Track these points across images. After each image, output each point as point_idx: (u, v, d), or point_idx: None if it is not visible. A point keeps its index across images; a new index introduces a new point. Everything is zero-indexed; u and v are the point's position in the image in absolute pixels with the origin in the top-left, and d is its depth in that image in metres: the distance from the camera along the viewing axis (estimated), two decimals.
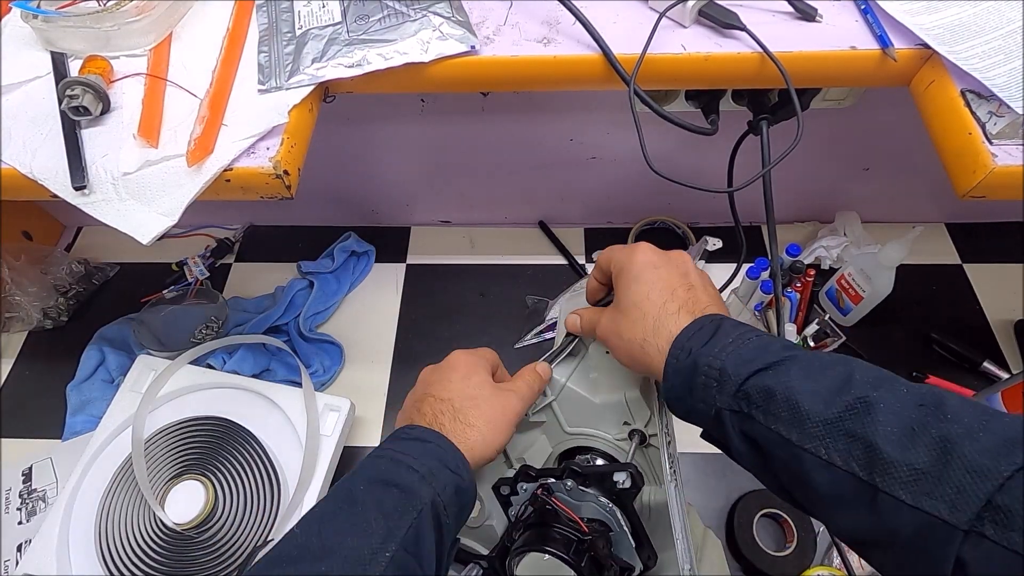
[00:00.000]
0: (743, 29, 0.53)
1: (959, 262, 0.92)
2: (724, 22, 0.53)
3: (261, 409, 0.74)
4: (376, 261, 0.96)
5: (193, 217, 0.82)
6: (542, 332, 0.87)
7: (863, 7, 0.55)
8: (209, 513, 0.67)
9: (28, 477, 0.76)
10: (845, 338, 0.72)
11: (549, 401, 0.57)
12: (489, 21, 0.57)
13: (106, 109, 0.53)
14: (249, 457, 0.70)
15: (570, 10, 0.54)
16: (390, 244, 0.97)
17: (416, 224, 1.00)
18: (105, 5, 0.54)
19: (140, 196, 0.50)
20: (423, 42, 0.53)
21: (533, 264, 0.95)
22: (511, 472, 0.54)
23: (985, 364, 0.80)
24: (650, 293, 0.46)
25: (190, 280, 0.93)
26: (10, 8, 0.59)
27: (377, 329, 0.89)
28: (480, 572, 0.51)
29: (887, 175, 0.88)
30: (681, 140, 0.59)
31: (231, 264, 0.97)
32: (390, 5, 0.55)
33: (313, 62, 0.53)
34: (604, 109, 0.79)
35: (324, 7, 0.56)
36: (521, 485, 0.52)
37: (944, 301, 0.88)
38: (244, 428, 0.72)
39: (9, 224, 0.92)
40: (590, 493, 0.50)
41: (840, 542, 0.68)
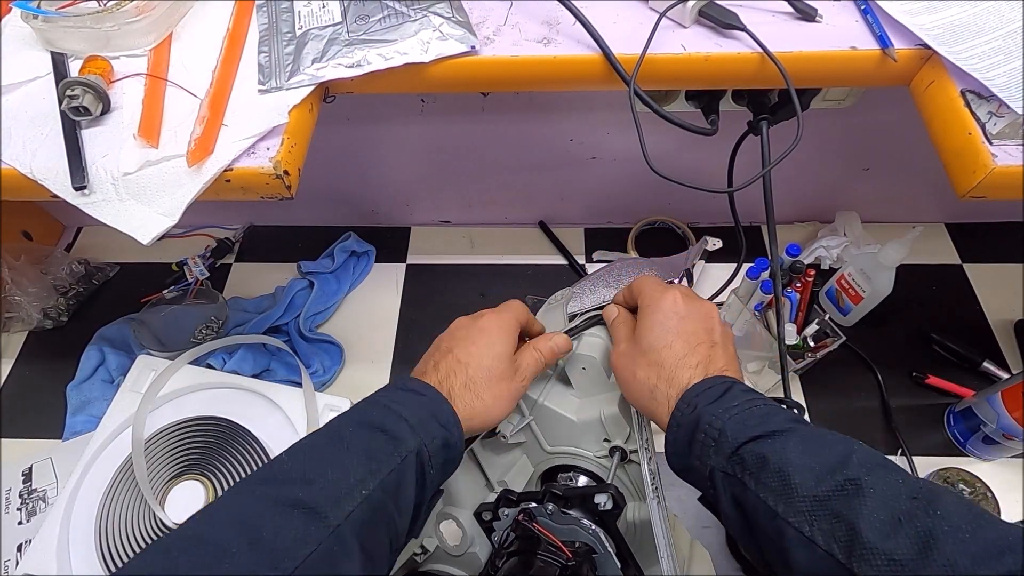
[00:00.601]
0: (743, 29, 0.53)
1: (959, 262, 0.92)
2: (724, 22, 0.53)
3: (261, 409, 0.74)
4: (376, 261, 0.96)
5: (193, 217, 0.82)
6: None
7: (863, 7, 0.55)
8: None
9: (28, 477, 0.76)
10: (845, 338, 0.72)
11: (527, 421, 0.56)
12: (489, 21, 0.57)
13: (106, 109, 0.53)
14: (249, 457, 0.70)
15: (570, 10, 0.54)
16: (390, 244, 0.97)
17: (416, 224, 1.00)
18: (105, 5, 0.54)
19: (140, 196, 0.50)
20: (423, 42, 0.53)
21: (533, 264, 0.95)
22: (492, 496, 0.54)
23: (985, 364, 0.80)
24: (673, 342, 0.47)
25: (190, 280, 0.93)
26: (10, 8, 0.59)
27: (377, 329, 0.89)
28: None
29: (887, 175, 0.88)
30: (681, 140, 0.59)
31: (231, 264, 0.97)
32: (390, 5, 0.55)
33: (313, 62, 0.53)
34: (604, 109, 0.79)
35: (324, 7, 0.56)
36: (503, 510, 0.52)
37: (944, 301, 0.88)
38: (244, 428, 0.72)
39: (9, 224, 0.92)
40: (572, 515, 0.49)
41: None
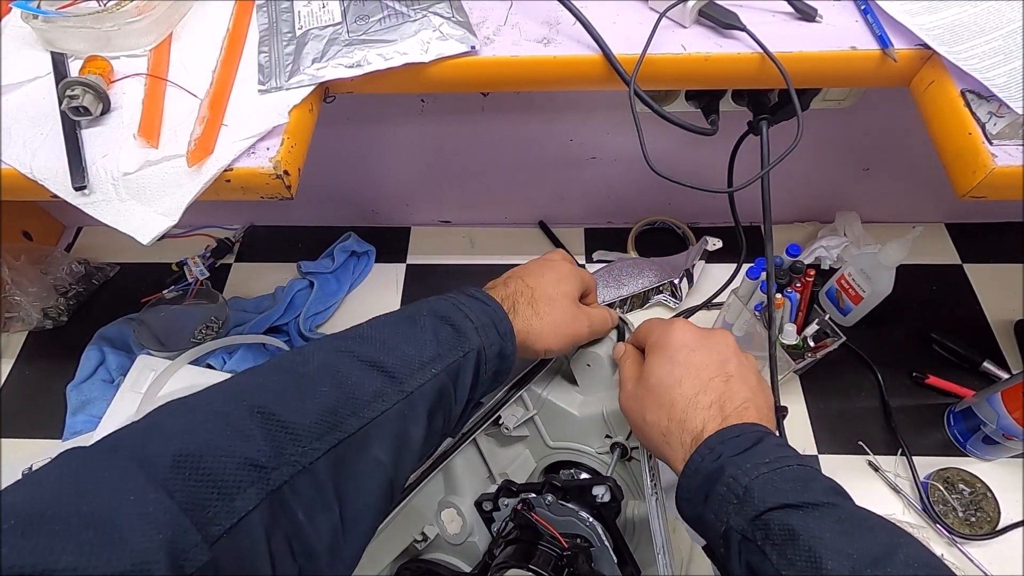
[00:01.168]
0: (743, 29, 0.53)
1: (959, 262, 0.92)
2: (724, 22, 0.53)
3: None
4: (376, 261, 0.96)
5: (193, 217, 0.82)
6: None
7: (863, 7, 0.55)
8: None
9: None
10: (845, 338, 0.72)
11: (531, 415, 0.56)
12: (489, 21, 0.57)
13: (106, 109, 0.53)
14: None
15: (570, 10, 0.53)
16: (390, 244, 0.97)
17: (416, 224, 1.00)
18: (105, 5, 0.54)
19: (140, 196, 0.50)
20: (423, 42, 0.53)
21: None
22: (494, 488, 0.54)
23: (985, 364, 0.80)
24: (683, 380, 0.44)
25: (190, 280, 0.93)
26: (10, 8, 0.59)
27: None
28: None
29: (887, 175, 0.88)
30: (681, 140, 0.59)
31: (231, 264, 0.97)
32: (390, 5, 0.55)
33: (313, 62, 0.53)
34: (604, 109, 0.79)
35: (324, 7, 0.56)
36: (503, 500, 0.52)
37: (944, 301, 0.88)
38: None
39: (9, 224, 0.92)
40: (571, 508, 0.49)
41: None
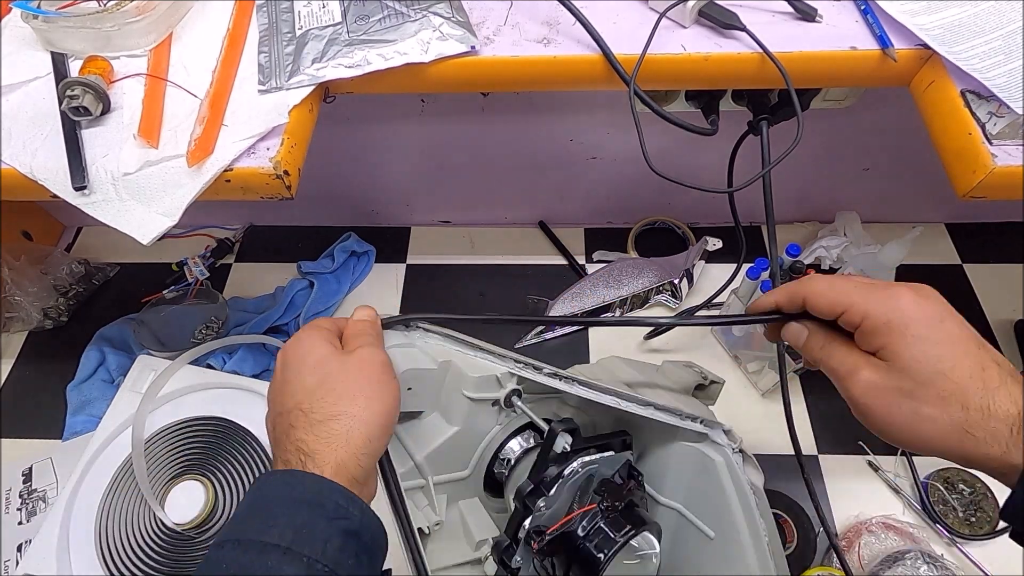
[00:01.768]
0: (743, 29, 0.53)
1: (959, 262, 0.92)
2: (724, 22, 0.53)
3: (261, 409, 0.73)
4: (376, 261, 0.96)
5: (193, 217, 0.82)
6: (542, 332, 0.87)
7: (863, 7, 0.55)
8: (209, 513, 0.67)
9: (28, 477, 0.76)
10: None
11: (438, 520, 0.50)
12: (489, 21, 0.57)
13: (106, 109, 0.53)
14: (249, 457, 0.70)
15: (570, 10, 0.53)
16: (390, 244, 0.97)
17: (416, 224, 1.00)
18: (105, 5, 0.54)
19: (140, 196, 0.50)
20: (423, 42, 0.53)
21: (533, 264, 0.95)
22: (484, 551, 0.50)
23: None
24: (956, 358, 0.36)
25: (190, 280, 0.93)
26: (10, 8, 0.59)
27: None
28: None
29: (887, 175, 0.88)
30: (681, 140, 0.59)
31: (231, 264, 0.97)
32: (390, 5, 0.55)
33: (313, 62, 0.53)
34: (604, 109, 0.79)
35: (324, 7, 0.56)
36: (515, 559, 0.47)
37: None
38: (244, 428, 0.72)
39: (9, 224, 0.92)
40: (551, 494, 0.45)
41: (838, 543, 0.68)
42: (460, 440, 0.50)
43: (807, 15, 0.55)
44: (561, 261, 0.95)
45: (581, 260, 0.95)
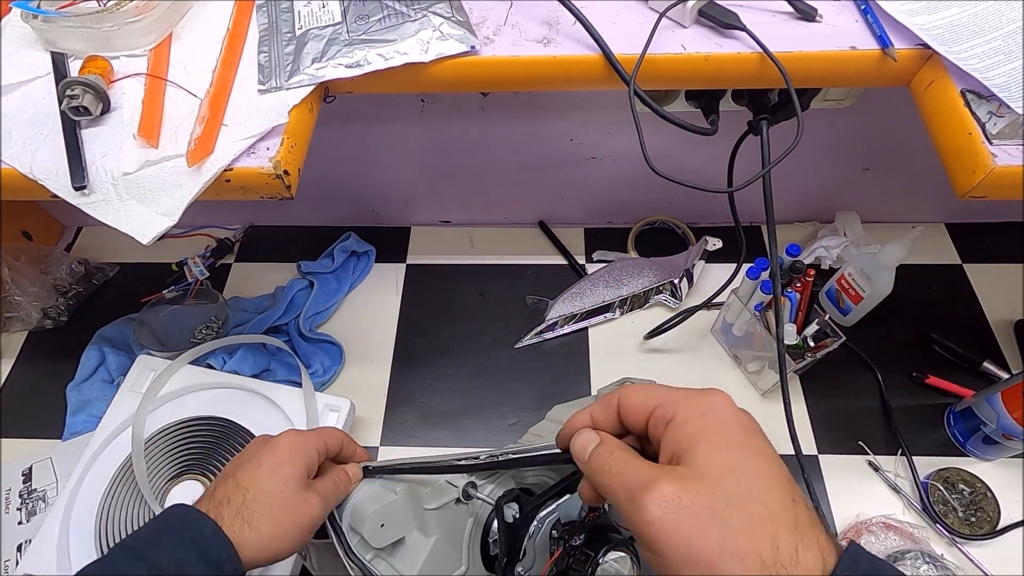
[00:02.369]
0: (743, 29, 0.53)
1: (959, 262, 0.92)
2: (724, 22, 0.53)
3: (261, 409, 0.74)
4: (376, 261, 0.96)
5: (193, 217, 0.82)
6: (542, 332, 0.87)
7: (863, 7, 0.55)
8: None
9: (28, 477, 0.76)
10: (845, 338, 0.72)
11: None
12: (489, 21, 0.57)
13: (106, 109, 0.53)
14: None
15: (570, 10, 0.54)
16: (390, 244, 0.97)
17: (416, 224, 1.00)
18: (105, 5, 0.54)
19: (140, 196, 0.50)
20: (423, 42, 0.53)
21: (533, 264, 0.95)
22: None
23: (985, 364, 0.80)
24: (768, 479, 0.30)
25: (190, 280, 0.93)
26: (10, 8, 0.59)
27: (377, 329, 0.89)
28: None
29: (887, 175, 0.88)
30: (681, 140, 0.59)
31: (231, 264, 0.97)
32: (390, 5, 0.55)
33: (313, 62, 0.53)
34: (604, 109, 0.79)
35: (324, 7, 0.56)
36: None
37: (944, 301, 0.88)
38: (244, 428, 0.72)
39: (9, 224, 0.92)
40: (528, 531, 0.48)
41: (839, 543, 0.68)
42: (444, 545, 0.52)
43: (807, 15, 0.55)
44: (561, 261, 0.95)
45: (581, 260, 0.95)
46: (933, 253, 0.92)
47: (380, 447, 0.79)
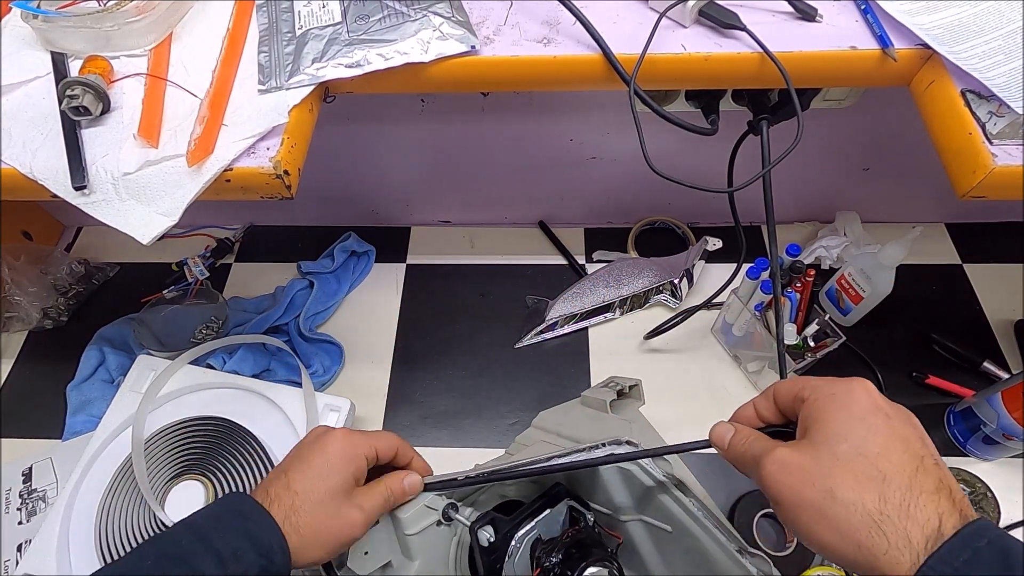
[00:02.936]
0: (743, 29, 0.53)
1: (959, 262, 0.92)
2: (724, 22, 0.53)
3: (261, 409, 0.74)
4: (376, 261, 0.96)
5: (193, 217, 0.82)
6: (542, 332, 0.87)
7: (863, 7, 0.55)
8: None
9: (28, 477, 0.76)
10: (845, 338, 0.72)
11: None
12: (489, 21, 0.57)
13: (106, 109, 0.53)
14: (249, 457, 0.70)
15: (570, 10, 0.54)
16: (390, 244, 0.97)
17: (416, 224, 1.00)
18: (105, 5, 0.54)
19: (140, 196, 0.50)
20: (423, 42, 0.53)
21: (533, 264, 0.95)
22: None
23: (985, 364, 0.80)
24: (890, 450, 0.33)
25: (190, 280, 0.93)
26: (10, 8, 0.59)
27: (377, 329, 0.89)
28: None
29: (887, 175, 0.88)
30: (681, 140, 0.59)
31: (231, 264, 0.97)
32: (390, 5, 0.55)
33: (313, 62, 0.53)
34: (604, 109, 0.79)
35: (324, 7, 0.56)
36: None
37: (944, 301, 0.88)
38: (244, 428, 0.72)
39: (9, 224, 0.92)
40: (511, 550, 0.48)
41: None
42: (428, 568, 0.52)
43: (807, 15, 0.55)
44: (561, 261, 0.95)
45: (581, 260, 0.95)
46: (933, 253, 0.92)
47: None
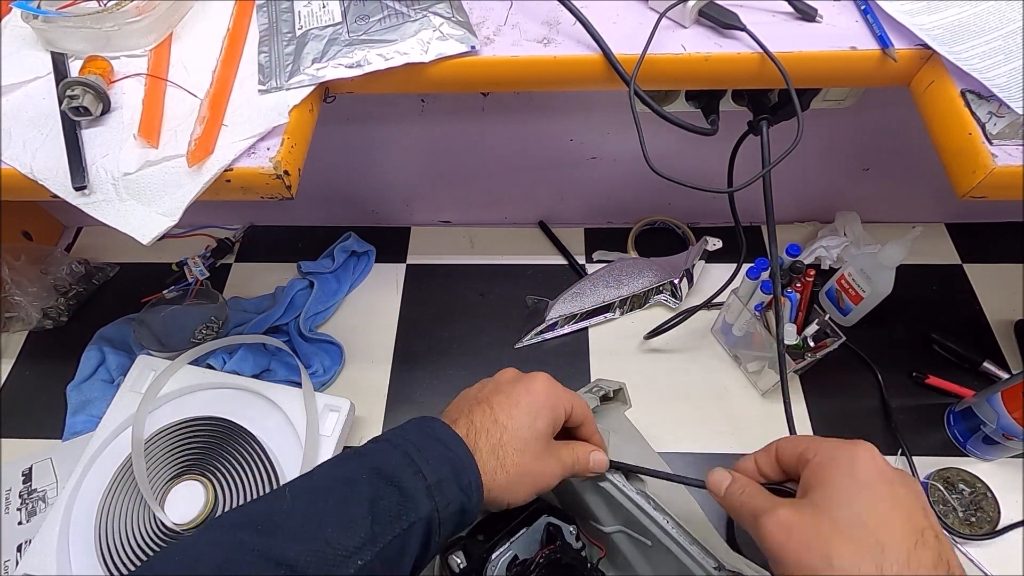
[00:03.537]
0: (743, 29, 0.53)
1: (959, 262, 0.92)
2: (724, 22, 0.53)
3: (261, 409, 0.74)
4: (376, 261, 0.96)
5: (193, 217, 0.82)
6: (542, 332, 0.87)
7: (863, 7, 0.55)
8: (209, 513, 0.67)
9: (28, 477, 0.76)
10: (845, 338, 0.72)
11: None
12: (489, 21, 0.57)
13: (106, 109, 0.53)
14: (249, 457, 0.70)
15: (570, 10, 0.54)
16: (390, 244, 0.97)
17: (416, 224, 1.00)
18: (105, 5, 0.54)
19: (140, 196, 0.50)
20: (423, 42, 0.53)
21: (533, 264, 0.95)
22: None
23: (985, 364, 0.80)
24: (892, 521, 0.33)
25: (190, 280, 0.93)
26: (10, 8, 0.59)
27: (377, 329, 0.89)
28: None
29: (887, 175, 0.88)
30: (681, 140, 0.59)
31: (231, 264, 0.97)
32: (390, 5, 0.55)
33: (313, 62, 0.53)
34: (604, 109, 0.79)
35: (324, 7, 0.56)
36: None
37: (944, 301, 0.88)
38: (244, 428, 0.72)
39: (9, 224, 0.92)
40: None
41: None
42: None
43: (807, 15, 0.55)
44: (561, 261, 0.95)
45: (581, 260, 0.95)
46: (933, 253, 0.92)
47: None
